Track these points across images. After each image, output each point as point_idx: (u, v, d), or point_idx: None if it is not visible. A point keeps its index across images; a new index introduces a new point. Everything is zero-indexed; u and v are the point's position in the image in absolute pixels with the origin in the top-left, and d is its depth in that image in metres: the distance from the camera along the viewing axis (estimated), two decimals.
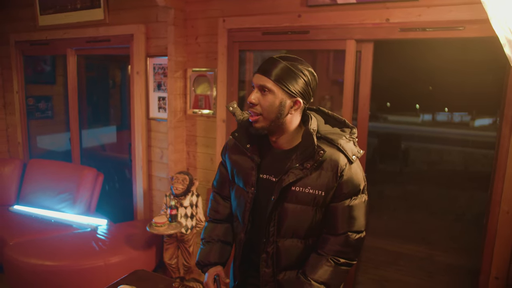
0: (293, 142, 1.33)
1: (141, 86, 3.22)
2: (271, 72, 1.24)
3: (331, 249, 1.32)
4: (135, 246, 2.89)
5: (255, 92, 1.26)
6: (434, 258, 3.79)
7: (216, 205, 1.59)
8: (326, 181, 1.27)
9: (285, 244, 1.35)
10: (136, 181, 3.37)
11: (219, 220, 1.58)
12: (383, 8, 2.29)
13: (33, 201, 3.57)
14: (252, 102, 1.26)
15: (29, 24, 3.87)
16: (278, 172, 1.31)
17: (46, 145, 4.58)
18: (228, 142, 1.51)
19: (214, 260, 1.52)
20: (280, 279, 1.38)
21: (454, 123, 15.87)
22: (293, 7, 2.57)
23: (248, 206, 1.37)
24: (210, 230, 1.58)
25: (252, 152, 1.36)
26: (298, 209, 1.30)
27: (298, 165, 1.27)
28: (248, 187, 1.37)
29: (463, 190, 6.36)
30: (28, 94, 4.21)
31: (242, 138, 1.38)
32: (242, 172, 1.40)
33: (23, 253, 2.72)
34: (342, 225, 1.31)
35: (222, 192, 1.59)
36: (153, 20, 3.13)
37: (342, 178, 1.28)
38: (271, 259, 1.36)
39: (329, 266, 1.31)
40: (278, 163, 1.33)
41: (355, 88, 2.52)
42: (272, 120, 1.26)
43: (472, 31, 2.10)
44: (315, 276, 1.31)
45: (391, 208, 5.44)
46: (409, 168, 8.12)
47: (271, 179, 1.34)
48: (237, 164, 1.43)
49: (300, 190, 1.28)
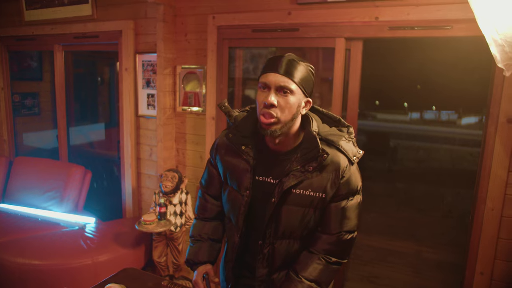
0: (292, 143, 1.30)
1: (129, 83, 3.19)
2: (294, 73, 1.19)
3: (322, 248, 1.32)
4: (123, 244, 2.86)
5: (273, 93, 1.19)
6: (422, 254, 3.84)
7: (205, 203, 1.57)
8: (328, 183, 1.26)
9: (282, 244, 1.34)
10: (125, 179, 3.34)
11: (207, 219, 1.57)
12: (373, 7, 2.30)
13: (19, 199, 3.51)
14: (272, 104, 1.18)
15: (14, 19, 3.79)
16: (277, 174, 1.29)
17: (32, 142, 4.50)
18: (218, 143, 1.45)
19: (203, 259, 1.51)
20: (274, 278, 1.39)
21: (442, 121, 16.07)
22: (283, 4, 2.57)
23: (242, 210, 1.34)
24: (199, 228, 1.56)
25: (247, 154, 1.32)
26: (297, 211, 1.29)
27: (300, 167, 1.25)
28: (242, 190, 1.33)
29: (450, 188, 6.45)
30: (14, 91, 4.14)
31: (237, 139, 1.34)
32: (236, 174, 1.36)
33: (9, 253, 2.67)
34: (336, 225, 1.31)
35: (210, 191, 1.55)
36: (142, 16, 3.10)
37: (343, 180, 1.27)
38: (267, 260, 1.36)
39: (320, 264, 1.32)
40: (276, 165, 1.30)
41: (344, 86, 2.54)
42: (287, 122, 1.22)
43: (459, 30, 2.13)
44: (305, 274, 1.31)
45: (380, 205, 5.49)
46: (397, 166, 8.21)
47: (268, 181, 1.31)
48: (230, 166, 1.38)
49: (300, 193, 1.27)
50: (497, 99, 2.10)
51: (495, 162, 2.12)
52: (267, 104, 1.18)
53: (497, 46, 1.40)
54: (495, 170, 2.13)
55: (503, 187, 2.12)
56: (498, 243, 2.17)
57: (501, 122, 2.09)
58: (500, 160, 2.11)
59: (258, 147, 1.34)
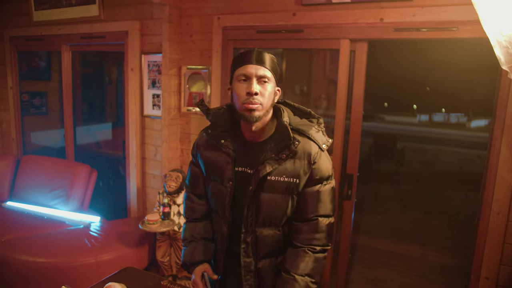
0: (266, 134, 1.38)
1: (135, 83, 3.21)
2: (267, 63, 1.30)
3: (305, 238, 1.39)
4: (127, 243, 2.88)
5: (255, 82, 1.28)
6: (427, 258, 3.80)
7: (192, 205, 1.59)
8: (300, 169, 1.35)
9: (263, 233, 1.41)
10: (130, 179, 3.36)
11: (197, 219, 1.59)
12: (378, 8, 2.29)
13: (26, 197, 3.56)
14: (256, 92, 1.28)
15: (23, 19, 3.84)
16: (254, 164, 1.37)
17: (40, 141, 4.55)
18: (198, 141, 1.52)
19: (199, 258, 1.52)
20: (260, 267, 1.44)
21: (451, 123, 15.89)
22: (288, 5, 2.57)
23: (228, 200, 1.41)
24: (191, 229, 1.58)
25: (226, 147, 1.39)
26: (274, 198, 1.36)
27: (274, 155, 1.33)
28: (225, 181, 1.40)
29: (458, 191, 6.38)
30: (22, 90, 4.19)
31: (216, 134, 1.42)
32: (218, 168, 1.42)
33: (15, 250, 2.71)
34: (312, 209, 1.38)
35: (195, 191, 1.58)
36: (148, 17, 3.12)
37: (315, 165, 1.35)
38: (251, 248, 1.42)
39: (308, 257, 1.38)
40: (252, 155, 1.38)
41: (349, 88, 2.52)
42: (267, 109, 1.32)
43: (465, 32, 2.10)
44: (298, 271, 1.36)
45: (386, 208, 5.45)
46: (404, 168, 8.14)
47: (246, 171, 1.39)
48: (211, 161, 1.45)
49: (276, 180, 1.34)
50: (504, 101, 2.07)
51: (501, 165, 2.10)
52: (252, 93, 1.27)
53: (501, 48, 1.38)
54: (501, 173, 2.10)
55: (509, 190, 2.09)
56: (504, 248, 2.14)
57: (507, 125, 2.06)
58: (506, 163, 2.08)
59: (235, 140, 1.42)
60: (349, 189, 2.59)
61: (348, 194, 2.59)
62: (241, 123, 1.39)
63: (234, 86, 1.33)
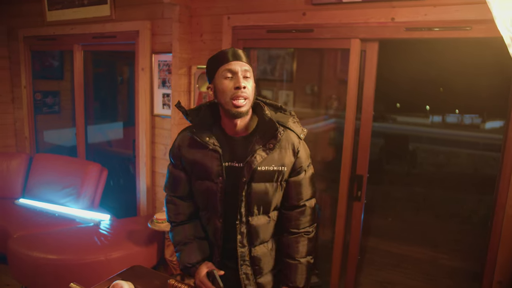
0: (249, 128, 1.45)
1: (146, 82, 3.23)
2: (245, 59, 1.38)
3: (299, 223, 1.51)
4: (136, 242, 2.90)
5: (242, 77, 1.35)
6: (438, 261, 3.75)
7: (176, 208, 1.58)
8: (286, 158, 1.44)
9: (255, 221, 1.48)
10: (140, 177, 3.39)
11: (184, 221, 1.58)
12: (389, 7, 2.26)
13: (38, 194, 3.61)
14: (245, 86, 1.34)
15: (37, 19, 3.90)
16: (241, 157, 1.43)
17: (52, 139, 4.62)
18: (178, 143, 1.52)
19: (199, 258, 1.52)
20: (254, 255, 1.51)
21: (465, 125, 15.64)
22: (298, 5, 2.55)
23: (219, 195, 1.44)
24: (180, 233, 1.56)
25: (212, 143, 1.42)
26: (265, 186, 1.44)
27: (262, 146, 1.40)
28: (215, 177, 1.43)
29: (471, 193, 6.27)
30: (35, 89, 4.25)
31: (200, 132, 1.44)
32: (206, 165, 1.44)
33: (26, 246, 2.75)
34: (300, 196, 1.50)
35: (178, 193, 1.58)
36: (159, 16, 3.13)
37: (299, 153, 1.46)
38: (246, 238, 1.48)
39: (304, 240, 1.52)
40: (238, 150, 1.44)
41: (359, 88, 2.50)
42: (251, 103, 1.40)
43: (479, 31, 2.06)
44: (299, 255, 1.51)
45: (397, 210, 5.38)
46: (416, 170, 8.03)
47: (234, 165, 1.44)
48: (198, 159, 1.46)
49: (265, 169, 1.41)
50: None
51: None
52: (241, 87, 1.33)
53: None
54: None
55: None
56: None
57: None
58: None
59: (219, 137, 1.46)
60: (359, 190, 2.56)
61: (358, 195, 2.56)
62: (224, 119, 1.44)
63: (218, 83, 1.36)
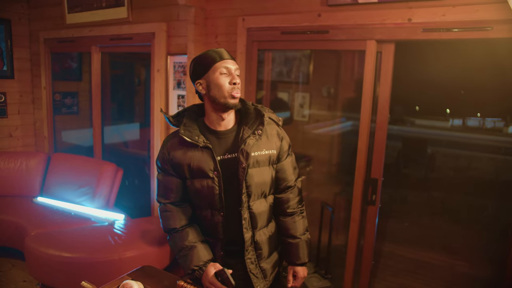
0: (232, 121, 1.57)
1: (161, 84, 3.25)
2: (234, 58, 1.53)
3: (294, 203, 1.69)
4: (150, 242, 2.92)
5: (236, 74, 1.49)
6: (456, 268, 3.64)
7: (171, 215, 1.59)
8: (273, 142, 1.59)
9: (255, 206, 1.58)
10: (154, 178, 3.41)
11: (184, 226, 1.60)
12: (406, 8, 2.21)
13: (55, 193, 3.68)
14: (239, 83, 1.50)
15: (57, 22, 3.99)
16: (231, 149, 1.53)
17: (70, 139, 4.71)
18: (167, 147, 1.56)
19: (208, 258, 1.55)
20: (257, 240, 1.61)
21: (486, 128, 15.24)
22: (313, 6, 2.53)
23: (218, 189, 1.51)
24: (183, 238, 1.57)
25: (203, 141, 1.49)
26: (261, 171, 1.56)
27: (251, 133, 1.51)
28: (210, 173, 1.50)
29: (492, 199, 6.08)
30: (55, 90, 4.35)
31: (191, 132, 1.51)
32: (200, 163, 1.50)
33: (43, 244, 2.80)
34: (291, 177, 1.67)
35: (171, 199, 1.60)
36: (175, 18, 3.16)
37: (282, 139, 1.63)
38: (249, 223, 1.58)
39: (300, 218, 1.71)
40: (228, 142, 1.54)
41: (375, 90, 2.45)
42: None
43: (500, 31, 1.99)
44: (299, 232, 1.68)
45: (414, 214, 5.27)
46: (434, 174, 7.85)
47: (226, 157, 1.53)
48: (191, 158, 1.51)
49: (259, 154, 1.54)
50: None
51: None
52: (237, 83, 1.48)
53: None
54: None
55: None
56: None
57: None
58: None
59: (205, 134, 1.54)
60: (373, 194, 2.51)
61: (372, 199, 2.51)
62: (211, 115, 1.53)
63: (214, 78, 1.46)
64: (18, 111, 4.38)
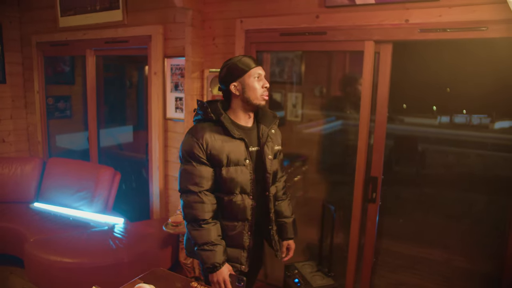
0: (252, 119, 1.81)
1: (158, 86, 3.25)
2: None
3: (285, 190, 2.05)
4: (151, 245, 2.91)
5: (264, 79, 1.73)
6: (452, 263, 3.72)
7: (204, 205, 1.66)
8: (279, 140, 1.91)
9: (272, 190, 1.87)
10: (153, 181, 3.40)
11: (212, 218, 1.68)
12: (403, 9, 2.26)
13: (52, 198, 3.64)
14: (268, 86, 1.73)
15: (50, 25, 3.95)
16: (255, 142, 1.79)
17: (64, 144, 4.66)
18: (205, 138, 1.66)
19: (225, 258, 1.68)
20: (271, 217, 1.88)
21: (473, 125, 15.49)
22: (311, 8, 2.56)
23: (251, 176, 1.73)
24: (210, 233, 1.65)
25: (238, 134, 1.69)
26: (275, 161, 1.86)
27: (268, 130, 1.80)
28: (244, 161, 1.71)
29: (482, 194, 6.19)
30: (48, 94, 4.30)
31: (229, 126, 1.68)
32: (237, 153, 1.69)
33: (42, 250, 2.78)
34: (283, 167, 2.04)
35: (206, 187, 1.68)
36: (171, 21, 3.16)
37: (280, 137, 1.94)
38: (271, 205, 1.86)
39: (289, 202, 2.07)
40: (252, 136, 1.79)
41: (373, 90, 2.49)
42: None
43: (496, 31, 2.05)
44: (290, 212, 2.04)
45: (408, 211, 5.35)
46: (426, 171, 7.96)
47: (253, 149, 1.78)
48: (228, 150, 1.68)
49: (273, 148, 1.83)
50: None
51: None
52: (268, 87, 1.72)
53: None
54: None
55: None
56: None
57: None
58: None
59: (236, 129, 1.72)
60: (374, 192, 2.55)
61: (373, 197, 2.56)
62: (239, 112, 1.75)
63: (249, 82, 1.68)
64: (10, 116, 4.32)
